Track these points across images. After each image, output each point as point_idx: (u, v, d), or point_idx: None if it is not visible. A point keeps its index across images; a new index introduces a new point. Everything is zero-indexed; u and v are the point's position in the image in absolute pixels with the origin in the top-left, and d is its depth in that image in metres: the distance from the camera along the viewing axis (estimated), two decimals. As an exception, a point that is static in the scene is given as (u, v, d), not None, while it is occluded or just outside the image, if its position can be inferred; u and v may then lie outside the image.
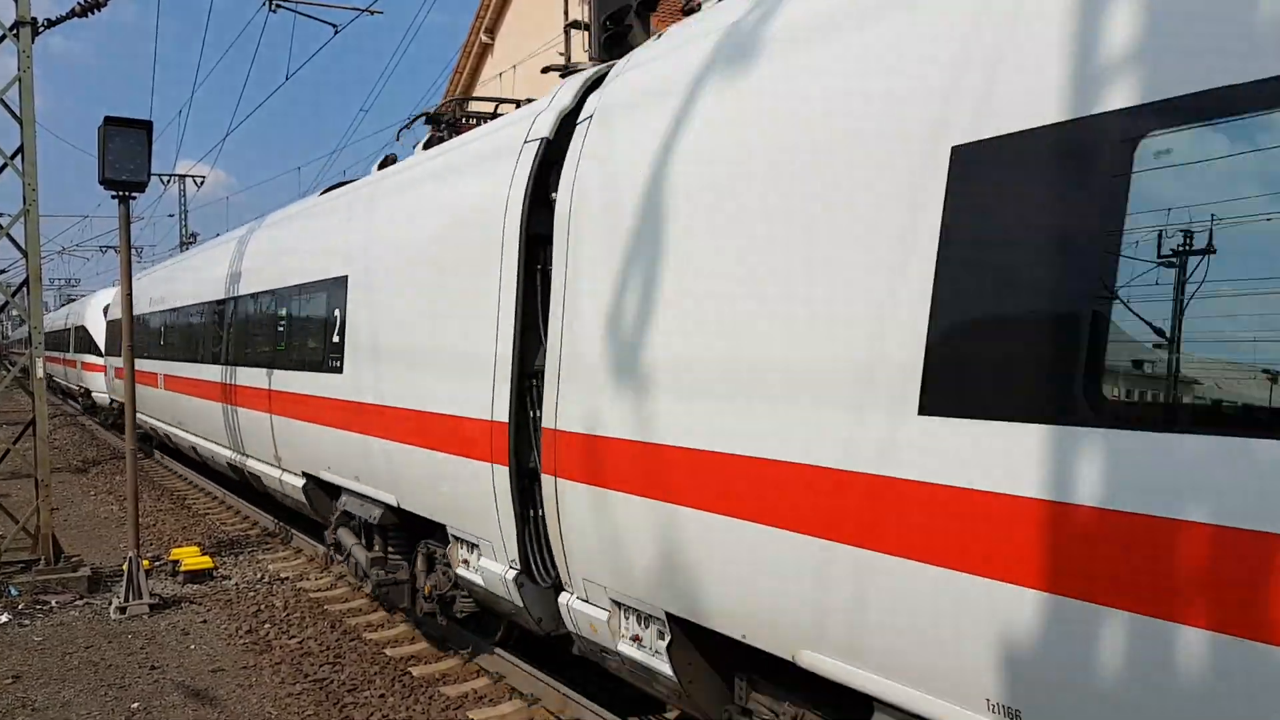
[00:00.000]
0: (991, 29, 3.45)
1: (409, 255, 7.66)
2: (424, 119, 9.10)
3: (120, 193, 9.79)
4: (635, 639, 5.36)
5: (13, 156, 10.72)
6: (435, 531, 7.77)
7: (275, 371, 10.85)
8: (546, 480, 5.72)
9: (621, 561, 5.17)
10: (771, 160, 4.28)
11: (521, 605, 6.33)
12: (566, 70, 7.14)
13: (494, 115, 8.37)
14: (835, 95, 4.04)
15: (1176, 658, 2.85)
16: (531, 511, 6.15)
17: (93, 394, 30.25)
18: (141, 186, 9.85)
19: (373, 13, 16.10)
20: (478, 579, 6.85)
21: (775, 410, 4.15)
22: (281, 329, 10.85)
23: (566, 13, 14.90)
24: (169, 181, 38.50)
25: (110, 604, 9.73)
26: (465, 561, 7.09)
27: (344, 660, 8.14)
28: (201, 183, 39.99)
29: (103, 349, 26.87)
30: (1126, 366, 3.05)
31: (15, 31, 10.78)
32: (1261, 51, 2.72)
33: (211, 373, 13.72)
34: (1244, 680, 2.69)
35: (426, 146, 8.90)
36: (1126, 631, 2.98)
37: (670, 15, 10.35)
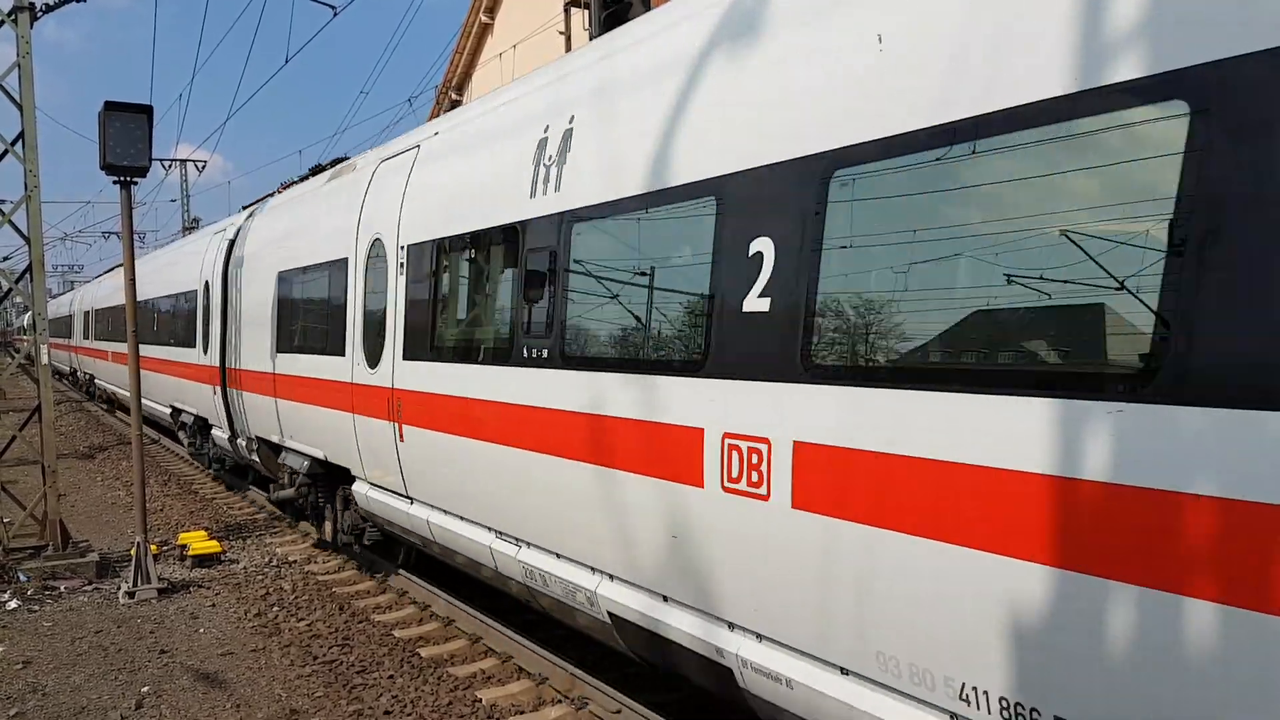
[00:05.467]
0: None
1: None
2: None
3: (122, 177, 9.77)
4: None
5: (13, 142, 10.69)
6: None
7: None
8: None
9: None
10: None
11: None
12: None
13: None
14: None
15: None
16: None
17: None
18: (143, 171, 9.82)
19: (372, -6, 15.98)
20: None
21: None
22: None
23: (566, -9, 14.82)
24: (170, 167, 38.50)
25: (119, 589, 9.78)
26: None
27: (353, 642, 8.18)
28: (203, 168, 40.00)
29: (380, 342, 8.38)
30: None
31: (14, 17, 10.74)
32: None
33: None
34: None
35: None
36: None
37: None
